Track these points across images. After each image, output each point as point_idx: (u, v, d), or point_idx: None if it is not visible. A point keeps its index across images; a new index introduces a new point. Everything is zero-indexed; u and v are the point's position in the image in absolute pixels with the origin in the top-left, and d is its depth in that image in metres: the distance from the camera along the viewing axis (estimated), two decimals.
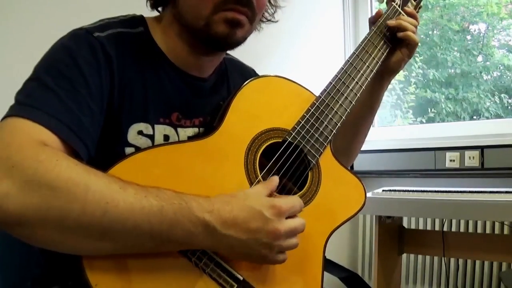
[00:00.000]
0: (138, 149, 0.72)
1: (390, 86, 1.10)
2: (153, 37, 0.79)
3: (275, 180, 0.71)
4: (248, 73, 0.97)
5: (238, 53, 0.97)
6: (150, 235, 0.58)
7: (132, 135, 0.73)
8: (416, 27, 0.95)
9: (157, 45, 0.79)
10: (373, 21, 0.96)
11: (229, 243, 0.63)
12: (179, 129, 0.78)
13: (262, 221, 0.63)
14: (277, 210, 0.65)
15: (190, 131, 0.80)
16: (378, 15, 0.95)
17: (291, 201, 0.68)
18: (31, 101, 0.63)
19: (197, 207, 0.61)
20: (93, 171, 0.58)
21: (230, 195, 0.65)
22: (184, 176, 0.68)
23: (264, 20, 0.88)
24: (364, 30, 2.46)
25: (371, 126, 1.04)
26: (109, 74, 0.71)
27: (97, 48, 0.70)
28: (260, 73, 0.98)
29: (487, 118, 2.43)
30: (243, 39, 0.79)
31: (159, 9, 0.83)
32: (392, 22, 0.93)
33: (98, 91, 0.69)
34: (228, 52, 0.89)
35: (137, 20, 0.80)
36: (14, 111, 0.62)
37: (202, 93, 0.83)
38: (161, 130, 0.76)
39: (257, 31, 0.87)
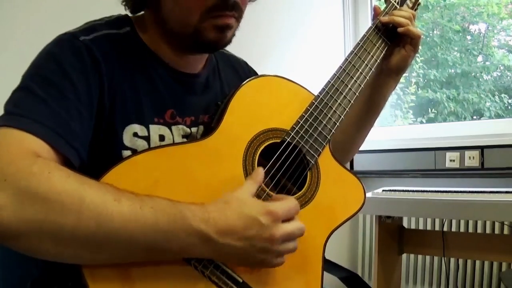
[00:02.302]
0: (135, 152, 0.72)
1: None
2: (140, 37, 0.78)
3: (260, 172, 0.70)
4: (239, 65, 0.97)
5: (237, 53, 0.97)
6: (145, 247, 0.58)
7: (128, 137, 0.72)
8: (411, 20, 0.93)
9: (145, 44, 0.78)
10: (373, 19, 0.96)
11: (226, 251, 0.62)
12: (173, 128, 0.78)
13: (258, 228, 0.63)
14: (273, 216, 0.64)
15: (184, 130, 0.79)
16: (377, 11, 0.95)
17: (287, 205, 0.67)
18: (19, 110, 0.62)
19: (192, 217, 0.60)
20: (87, 181, 0.58)
21: (224, 202, 0.64)
22: (183, 178, 0.68)
23: None
24: (364, 29, 2.45)
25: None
26: (98, 78, 0.70)
27: (83, 52, 0.69)
28: (258, 73, 0.98)
29: (489, 117, 2.43)
30: (232, 37, 0.78)
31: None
32: (385, 19, 0.92)
33: (87, 96, 0.68)
34: None
35: (123, 20, 0.79)
36: (3, 122, 0.61)
37: (195, 89, 0.83)
38: (156, 130, 0.75)
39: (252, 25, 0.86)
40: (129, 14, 0.81)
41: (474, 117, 2.50)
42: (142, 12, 0.82)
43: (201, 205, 0.62)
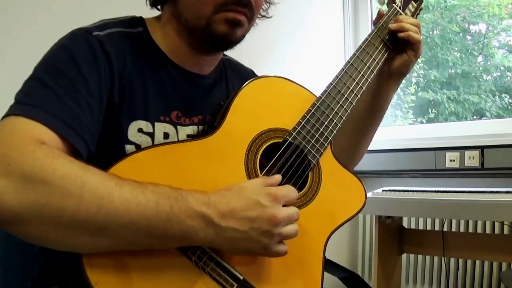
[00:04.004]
0: (138, 147, 0.73)
1: None
2: (152, 37, 0.79)
3: (276, 178, 0.71)
4: (246, 74, 0.98)
5: (237, 53, 0.97)
6: (147, 230, 0.58)
7: (132, 132, 0.73)
8: (418, 27, 0.94)
9: (156, 44, 0.79)
10: (375, 22, 0.96)
11: (229, 236, 0.62)
12: (178, 127, 0.78)
13: (259, 208, 0.64)
14: (273, 197, 0.65)
15: (189, 130, 0.80)
16: (380, 15, 0.96)
17: (286, 189, 0.68)
18: (29, 100, 0.63)
19: (194, 201, 0.61)
20: (89, 168, 0.58)
21: (225, 188, 0.65)
22: (185, 176, 0.68)
23: (259, 16, 0.89)
24: (364, 30, 2.46)
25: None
26: (108, 72, 0.71)
27: (96, 47, 0.71)
28: (259, 73, 0.98)
29: (489, 118, 2.43)
30: (242, 37, 0.80)
31: (159, 7, 0.84)
32: (393, 26, 0.92)
33: (97, 89, 0.69)
34: (228, 50, 0.89)
35: (136, 21, 0.81)
36: (13, 110, 0.62)
37: (202, 90, 0.84)
38: (161, 128, 0.76)
39: (253, 27, 0.88)
40: (148, 7, 0.83)
41: (475, 117, 2.50)
42: (156, 15, 0.83)
43: (203, 191, 0.63)
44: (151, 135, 0.75)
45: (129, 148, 0.72)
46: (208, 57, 0.84)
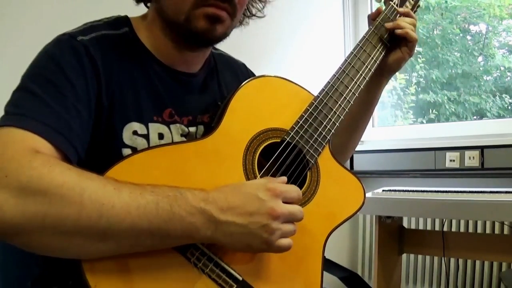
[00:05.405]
0: (134, 150, 0.73)
1: (390, 87, 1.10)
2: (138, 37, 0.79)
3: (282, 179, 0.70)
4: (238, 67, 0.97)
5: (237, 53, 0.98)
6: (149, 232, 0.59)
7: (127, 135, 0.73)
8: (414, 25, 0.95)
9: (143, 44, 0.79)
10: (373, 18, 0.96)
11: (228, 230, 0.62)
12: (171, 126, 0.78)
13: (258, 203, 0.64)
14: (272, 191, 0.65)
15: (183, 129, 0.80)
16: (378, 12, 0.96)
17: (287, 185, 0.68)
18: (19, 110, 0.63)
19: (193, 197, 0.61)
20: (87, 174, 0.58)
21: (224, 185, 0.66)
22: (184, 177, 0.68)
23: (249, 14, 0.88)
24: (364, 29, 2.44)
25: (368, 124, 1.04)
26: (95, 77, 0.71)
27: (81, 52, 0.71)
28: (259, 73, 0.98)
29: (489, 118, 2.43)
30: (224, 34, 0.78)
31: (146, 5, 0.83)
32: (389, 24, 0.93)
33: (85, 94, 0.69)
34: (221, 48, 0.89)
35: (121, 21, 0.80)
36: (4, 121, 0.62)
37: (192, 89, 0.84)
38: (155, 128, 0.76)
39: (243, 26, 0.87)
40: (134, 3, 0.82)
41: (475, 118, 2.50)
42: (141, 14, 0.83)
43: (202, 188, 0.63)
44: (146, 137, 0.75)
45: (125, 151, 0.72)
46: (194, 54, 0.83)
